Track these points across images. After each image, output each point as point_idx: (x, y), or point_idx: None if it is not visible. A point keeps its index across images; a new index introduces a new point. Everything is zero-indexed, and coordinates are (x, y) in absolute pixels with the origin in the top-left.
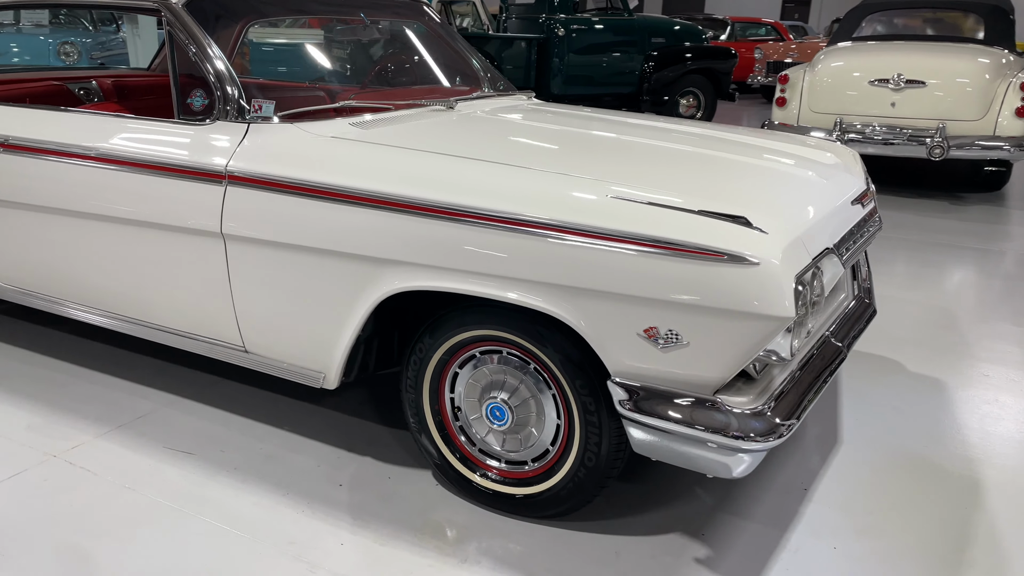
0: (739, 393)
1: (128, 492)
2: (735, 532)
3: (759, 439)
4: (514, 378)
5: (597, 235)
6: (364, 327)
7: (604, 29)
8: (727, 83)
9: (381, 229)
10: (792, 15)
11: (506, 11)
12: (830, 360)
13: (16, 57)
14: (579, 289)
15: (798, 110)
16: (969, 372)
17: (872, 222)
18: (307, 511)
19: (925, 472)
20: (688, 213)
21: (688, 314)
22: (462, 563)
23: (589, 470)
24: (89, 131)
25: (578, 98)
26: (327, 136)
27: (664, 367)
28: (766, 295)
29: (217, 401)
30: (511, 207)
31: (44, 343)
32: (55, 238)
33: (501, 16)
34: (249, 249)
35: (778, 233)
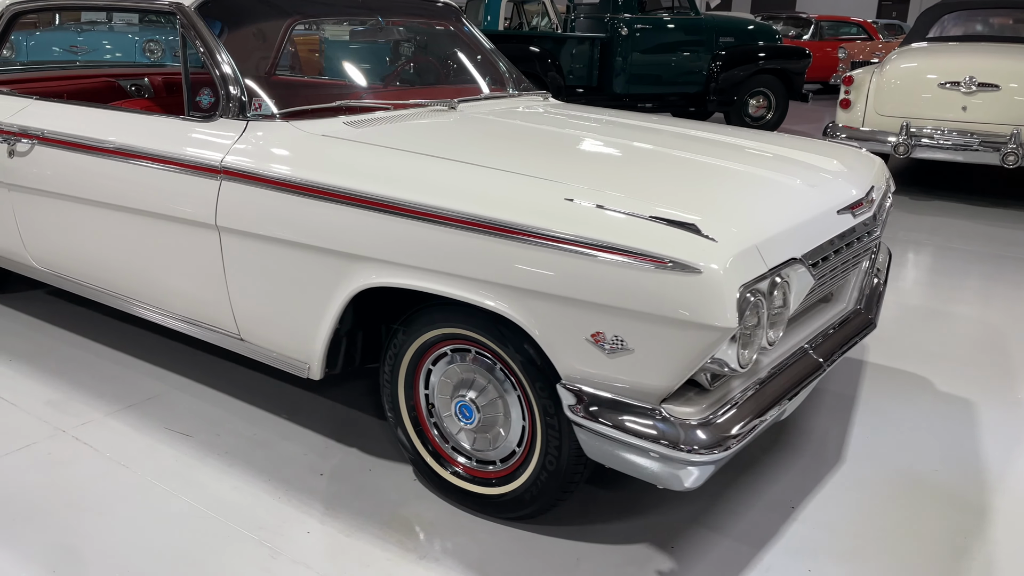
0: (688, 403)
1: (121, 469)
2: (707, 547)
3: (703, 451)
4: (483, 378)
5: (546, 237)
6: (341, 320)
7: (669, 28)
8: (799, 83)
9: (353, 225)
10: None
11: (574, 10)
12: (805, 374)
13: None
14: (530, 291)
15: (863, 113)
16: (1003, 395)
17: (866, 232)
18: (283, 498)
19: (929, 497)
20: (638, 218)
21: (633, 320)
22: (420, 559)
23: (551, 474)
24: (107, 125)
25: (642, 97)
26: (318, 134)
27: (611, 373)
28: (707, 304)
29: (224, 386)
30: (465, 207)
31: (80, 323)
32: (78, 225)
33: (569, 15)
34: (241, 241)
35: (729, 241)
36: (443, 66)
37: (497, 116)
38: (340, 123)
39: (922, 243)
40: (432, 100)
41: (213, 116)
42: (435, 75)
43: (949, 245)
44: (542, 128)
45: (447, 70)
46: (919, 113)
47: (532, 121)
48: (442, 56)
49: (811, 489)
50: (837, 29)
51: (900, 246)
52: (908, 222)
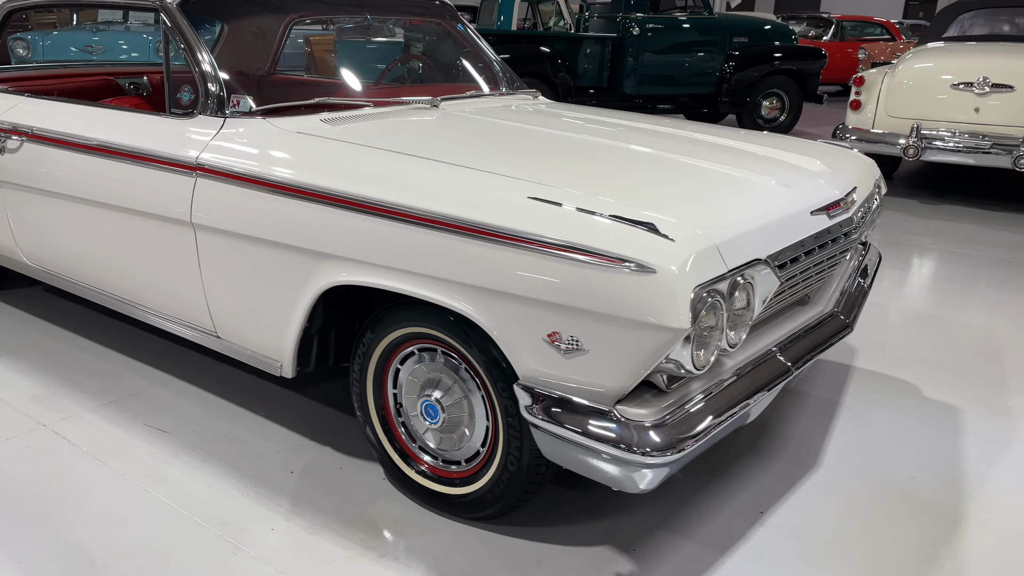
0: (643, 405)
1: (96, 464)
2: (669, 550)
3: (656, 454)
4: (448, 378)
5: (504, 235)
6: (311, 319)
7: (682, 28)
8: (814, 85)
9: (319, 223)
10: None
11: (587, 10)
12: (770, 377)
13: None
14: (489, 290)
15: (874, 114)
16: (993, 404)
17: (843, 234)
18: (251, 495)
19: (903, 504)
20: (598, 217)
21: (588, 320)
22: (380, 557)
23: (512, 475)
24: (91, 122)
25: (653, 98)
26: (293, 132)
27: (567, 373)
28: (660, 304)
29: (206, 383)
30: (426, 204)
31: (72, 320)
32: (63, 222)
33: (582, 15)
34: (215, 238)
35: (687, 241)
36: (433, 64)
37: (479, 115)
38: (318, 120)
39: (927, 247)
40: (415, 98)
41: (192, 113)
42: (424, 73)
43: (954, 250)
44: (522, 127)
45: (437, 68)
46: (931, 115)
47: (513, 120)
48: (433, 54)
49: (783, 494)
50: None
51: (904, 250)
52: (915, 226)
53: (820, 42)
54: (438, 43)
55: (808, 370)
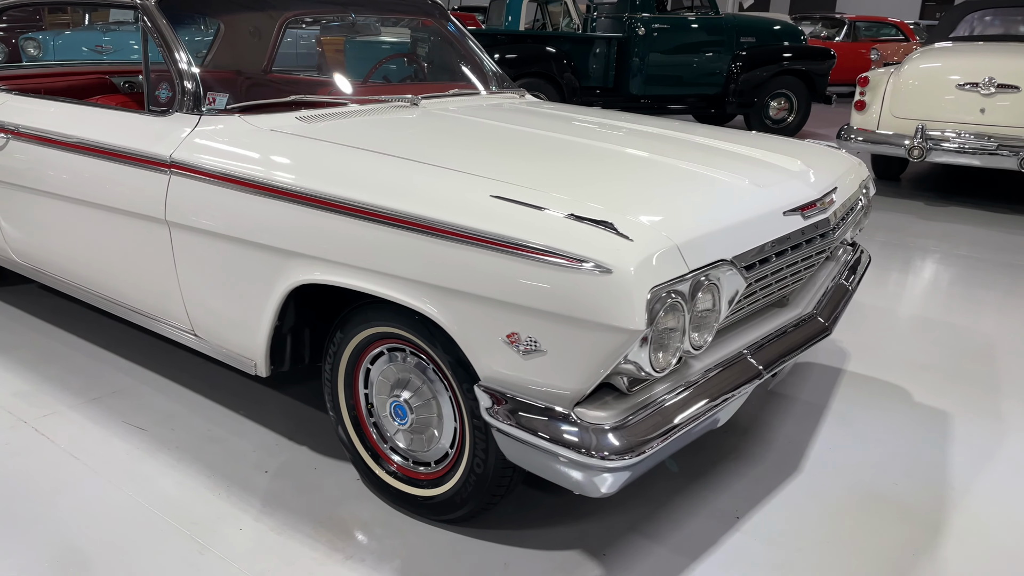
0: (603, 407)
1: (72, 461)
2: (640, 555)
3: (614, 458)
4: (417, 378)
5: (462, 234)
6: (282, 317)
7: (688, 28)
8: (823, 85)
9: (286, 221)
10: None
11: (595, 10)
12: (739, 380)
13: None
14: (449, 290)
15: (878, 115)
16: (984, 408)
17: (819, 235)
18: (223, 494)
19: (884, 511)
20: (556, 215)
21: (546, 321)
22: (346, 559)
23: (479, 477)
24: (72, 120)
25: (659, 99)
26: (266, 129)
27: (526, 375)
28: (615, 305)
29: (189, 381)
30: (387, 202)
31: (62, 317)
32: (47, 219)
33: (590, 15)
34: (189, 236)
35: (646, 241)
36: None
37: (459, 113)
38: (293, 118)
39: (929, 250)
40: (395, 96)
41: (169, 111)
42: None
43: (956, 252)
44: (500, 125)
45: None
46: (936, 115)
47: (493, 118)
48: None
49: (760, 499)
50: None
51: (907, 252)
52: (919, 228)
53: (832, 43)
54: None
55: (788, 372)
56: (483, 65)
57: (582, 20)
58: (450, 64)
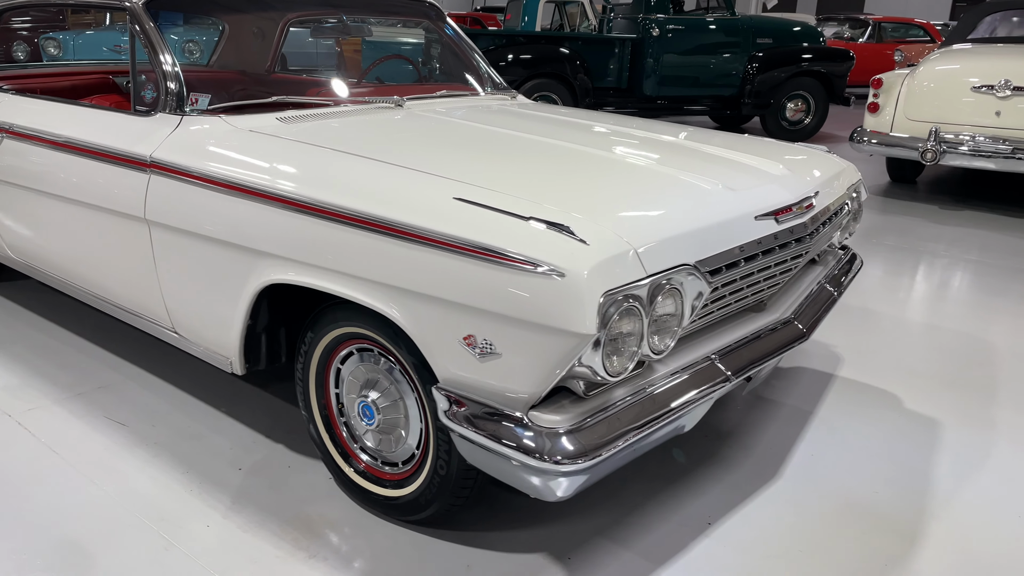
0: (559, 411)
1: (50, 455)
2: (605, 559)
3: (566, 462)
4: (385, 379)
5: (421, 236)
6: (254, 316)
7: (703, 29)
8: (841, 86)
9: (255, 221)
10: None
11: (611, 10)
12: (705, 386)
13: None
14: (408, 291)
15: (892, 117)
16: (975, 415)
17: (795, 240)
18: (195, 491)
19: (861, 520)
20: (517, 219)
21: (501, 324)
22: (310, 558)
23: (443, 479)
24: (62, 119)
25: (674, 100)
26: (245, 130)
27: (482, 377)
28: (567, 308)
29: (175, 378)
30: (349, 202)
31: (57, 312)
32: (38, 217)
33: (607, 16)
34: (167, 235)
35: (602, 245)
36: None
37: (442, 115)
38: (273, 119)
39: (938, 254)
40: (380, 97)
41: (153, 111)
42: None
43: (966, 257)
44: (480, 127)
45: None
46: (950, 118)
47: (475, 120)
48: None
49: (735, 505)
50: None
51: (913, 256)
52: (930, 232)
53: (855, 44)
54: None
55: (766, 377)
56: (478, 67)
57: (598, 21)
58: (444, 65)
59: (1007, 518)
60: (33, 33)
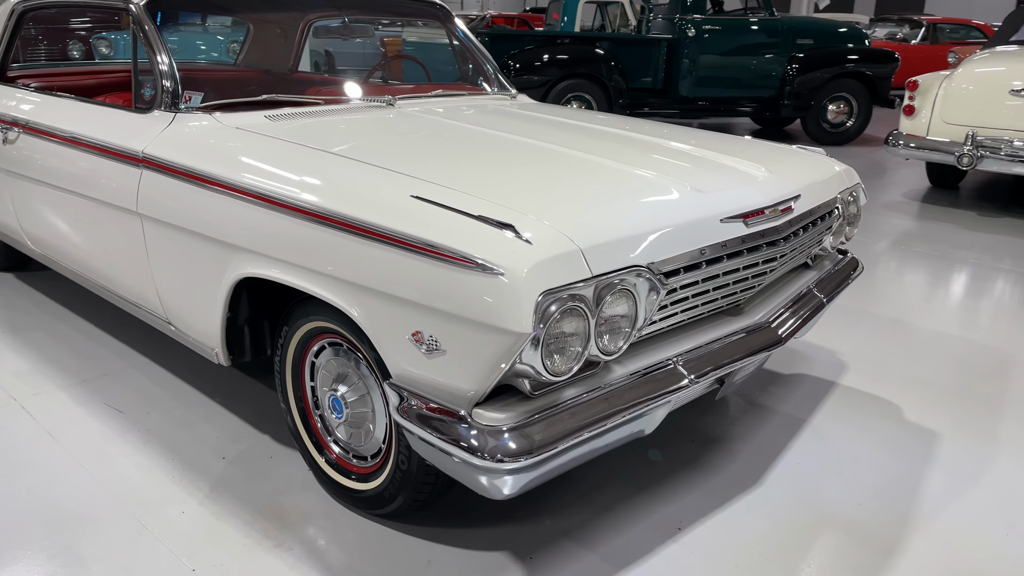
0: (503, 409)
1: (47, 439)
2: (567, 561)
3: (507, 460)
4: (354, 373)
5: (375, 232)
6: (233, 309)
7: (740, 30)
8: (885, 89)
9: (230, 216)
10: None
11: (650, 11)
12: (661, 389)
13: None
14: (363, 287)
15: (928, 120)
16: (977, 429)
17: (766, 243)
18: (177, 478)
19: (837, 532)
20: (465, 217)
21: (445, 321)
22: (275, 547)
23: (404, 474)
24: (70, 116)
25: (711, 101)
26: (232, 127)
27: (429, 374)
28: (504, 307)
29: (176, 367)
30: (313, 199)
31: (76, 301)
32: (50, 209)
33: (645, 16)
34: (157, 228)
35: (546, 244)
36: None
37: (430, 115)
38: (262, 117)
39: (967, 261)
40: (372, 97)
41: (150, 108)
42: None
43: (997, 265)
44: (463, 126)
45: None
46: (989, 122)
47: (463, 120)
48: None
49: (709, 512)
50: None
51: (940, 263)
52: (963, 239)
53: (908, 45)
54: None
55: (739, 382)
56: (482, 67)
57: (637, 21)
58: (449, 65)
59: (994, 534)
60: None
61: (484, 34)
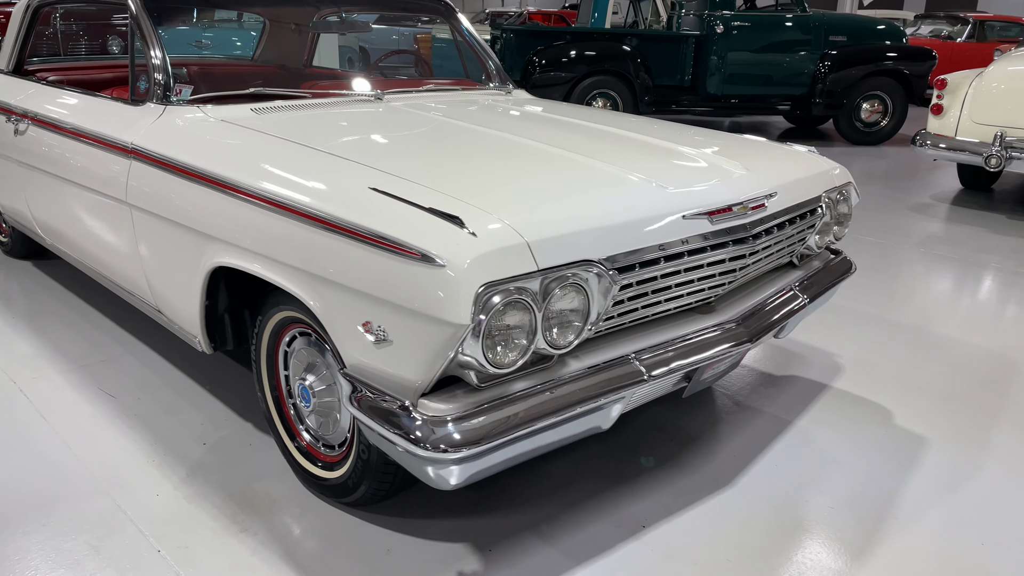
0: (448, 400)
1: (39, 421)
2: (526, 554)
3: (449, 450)
4: (322, 363)
5: (329, 223)
6: (212, 297)
7: (770, 26)
8: (921, 87)
9: (204, 205)
10: None
11: (680, 7)
12: (614, 384)
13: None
14: (318, 277)
15: (957, 120)
16: (970, 437)
17: (732, 240)
18: (157, 461)
19: (805, 536)
20: (416, 209)
21: (392, 311)
22: (241, 532)
23: (364, 463)
24: (71, 108)
25: (740, 99)
26: (217, 119)
27: (378, 364)
28: (443, 298)
29: (173, 355)
30: (273, 189)
31: (86, 289)
32: (55, 198)
33: (675, 12)
34: (144, 217)
35: (491, 237)
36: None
37: (416, 109)
38: (248, 110)
39: (987, 266)
40: (360, 91)
41: (144, 101)
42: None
43: (1018, 271)
44: (444, 120)
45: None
46: (1020, 122)
47: (447, 115)
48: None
49: (677, 510)
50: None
51: (959, 267)
52: (987, 242)
53: (953, 43)
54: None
55: (708, 381)
56: (485, 62)
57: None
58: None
59: (968, 545)
60: None
61: (510, 30)
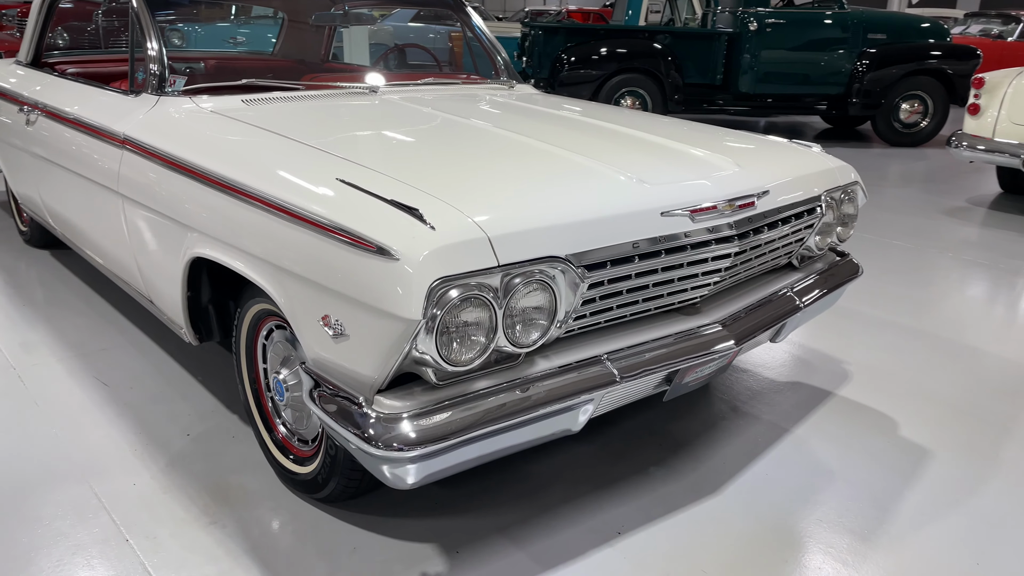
0: (405, 397)
1: (32, 407)
2: (494, 557)
3: (404, 448)
4: (295, 357)
5: (291, 213)
6: (195, 288)
7: (805, 23)
8: (964, 87)
9: (184, 195)
10: None
11: (716, 4)
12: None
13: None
14: (281, 268)
15: (994, 120)
16: (978, 449)
17: (715, 239)
18: (139, 451)
19: (786, 548)
20: (377, 201)
21: (348, 304)
22: (210, 524)
23: (332, 459)
24: (75, 98)
25: (774, 98)
26: (207, 110)
27: (336, 358)
28: (396, 292)
29: (171, 345)
30: (242, 178)
31: (95, 278)
32: (59, 187)
33: (711, 9)
34: (133, 207)
35: (451, 231)
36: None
37: (410, 102)
38: (238, 101)
39: (1019, 272)
40: (355, 84)
41: (140, 92)
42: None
43: None
44: (433, 113)
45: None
46: None
47: (441, 108)
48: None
49: (655, 518)
50: None
51: (988, 273)
52: (1012, 247)
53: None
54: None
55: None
56: (493, 58)
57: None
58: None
59: (962, 564)
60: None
61: (538, 27)
